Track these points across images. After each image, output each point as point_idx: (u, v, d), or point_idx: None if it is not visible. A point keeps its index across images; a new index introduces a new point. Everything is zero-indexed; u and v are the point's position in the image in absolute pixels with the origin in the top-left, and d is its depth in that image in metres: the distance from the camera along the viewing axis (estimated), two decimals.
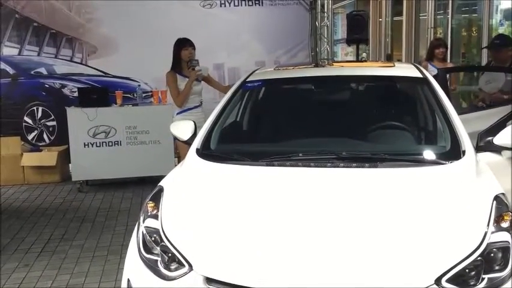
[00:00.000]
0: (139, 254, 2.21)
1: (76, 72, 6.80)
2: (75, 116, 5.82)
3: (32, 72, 6.72)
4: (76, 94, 6.32)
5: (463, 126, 2.72)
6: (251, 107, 3.57)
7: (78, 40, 6.76)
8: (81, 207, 5.35)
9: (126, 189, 5.88)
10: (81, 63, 6.82)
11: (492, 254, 1.97)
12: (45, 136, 6.79)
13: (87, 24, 6.73)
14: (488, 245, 1.97)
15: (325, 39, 7.20)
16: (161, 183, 2.58)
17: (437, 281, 1.86)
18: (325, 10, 7.16)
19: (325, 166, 2.52)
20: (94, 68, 6.80)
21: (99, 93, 6.02)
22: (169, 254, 2.10)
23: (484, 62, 9.26)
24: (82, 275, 3.69)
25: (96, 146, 5.88)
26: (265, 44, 6.95)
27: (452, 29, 10.53)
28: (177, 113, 4.90)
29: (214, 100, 4.71)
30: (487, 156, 2.74)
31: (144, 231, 2.26)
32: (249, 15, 6.93)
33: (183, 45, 4.85)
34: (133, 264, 2.24)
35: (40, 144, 6.74)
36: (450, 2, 10.47)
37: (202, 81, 5.01)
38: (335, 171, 2.49)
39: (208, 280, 1.96)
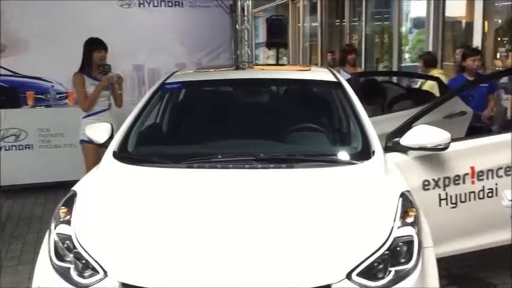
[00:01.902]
0: (51, 262, 2.12)
1: None
2: None
3: None
4: None
5: (373, 128, 2.87)
6: (171, 109, 3.54)
7: None
8: None
9: (39, 195, 5.57)
10: None
11: (398, 248, 2.09)
12: None
13: None
14: (394, 239, 2.09)
15: (246, 42, 7.29)
16: (74, 187, 2.50)
17: (349, 275, 1.94)
18: (246, 14, 7.25)
19: (244, 167, 2.56)
20: (2, 67, 6.39)
21: (8, 94, 5.72)
22: (83, 261, 2.04)
23: (395, 67, 9.84)
24: None
25: (5, 150, 5.57)
26: (186, 45, 6.88)
27: (367, 36, 11.08)
28: (84, 117, 4.59)
29: (133, 102, 4.57)
30: (395, 156, 2.92)
31: (56, 238, 2.17)
32: (169, 16, 6.83)
33: (95, 47, 4.57)
34: (44, 273, 2.15)
35: None
36: (364, 9, 11.00)
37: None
38: (253, 172, 2.54)
39: (124, 286, 1.93)
